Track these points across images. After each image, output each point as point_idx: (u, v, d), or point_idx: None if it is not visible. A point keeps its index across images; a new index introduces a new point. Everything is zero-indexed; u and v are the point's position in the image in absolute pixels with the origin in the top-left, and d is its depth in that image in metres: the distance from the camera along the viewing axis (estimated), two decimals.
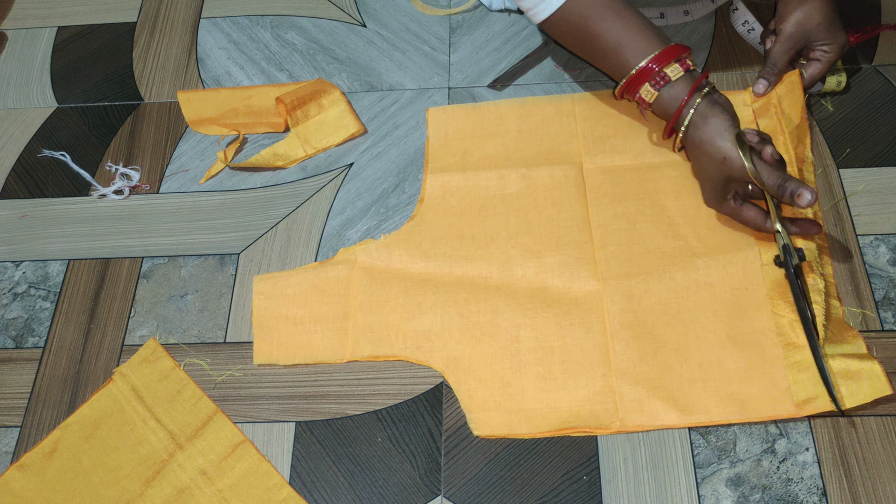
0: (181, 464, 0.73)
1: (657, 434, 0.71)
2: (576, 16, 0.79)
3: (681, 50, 0.78)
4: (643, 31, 0.78)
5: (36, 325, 0.82)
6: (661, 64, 0.77)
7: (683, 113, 0.77)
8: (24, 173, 0.93)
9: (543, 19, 0.81)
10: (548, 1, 0.79)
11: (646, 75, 0.78)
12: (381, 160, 0.90)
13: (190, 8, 1.06)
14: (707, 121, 0.75)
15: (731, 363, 0.73)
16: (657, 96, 0.78)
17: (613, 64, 0.80)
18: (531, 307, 0.77)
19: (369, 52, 0.98)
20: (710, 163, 0.75)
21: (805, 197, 0.70)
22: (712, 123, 0.75)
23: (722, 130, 0.74)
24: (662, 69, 0.77)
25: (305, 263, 0.83)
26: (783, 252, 0.73)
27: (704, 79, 0.77)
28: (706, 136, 0.75)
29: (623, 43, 0.78)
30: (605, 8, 0.79)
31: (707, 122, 0.75)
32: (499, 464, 0.71)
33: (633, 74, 0.78)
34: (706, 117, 0.75)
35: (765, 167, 0.73)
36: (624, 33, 0.78)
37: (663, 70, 0.77)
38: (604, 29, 0.79)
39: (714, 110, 0.75)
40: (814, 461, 0.69)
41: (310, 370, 0.77)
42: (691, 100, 0.76)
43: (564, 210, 0.83)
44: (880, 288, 0.77)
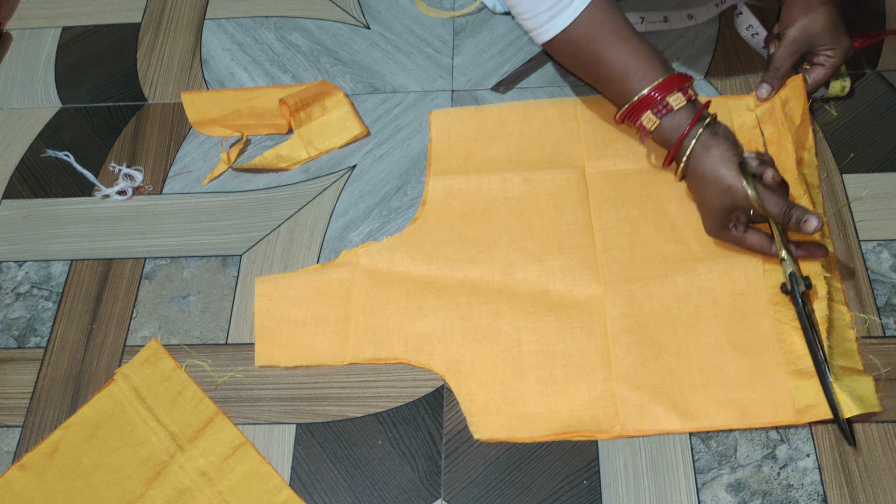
0: (182, 465, 0.73)
1: (658, 439, 0.71)
2: (580, 38, 0.79)
3: (683, 79, 0.77)
4: (647, 58, 0.77)
5: (38, 325, 0.83)
6: (664, 92, 0.76)
7: (685, 143, 0.76)
8: (28, 173, 0.93)
9: (546, 41, 0.80)
10: (552, 22, 0.78)
11: (648, 103, 0.77)
12: (384, 162, 0.90)
13: (194, 9, 1.06)
14: (709, 151, 0.74)
15: (733, 368, 0.73)
16: (658, 125, 0.77)
17: (615, 89, 0.80)
18: (533, 311, 0.77)
19: (373, 54, 0.99)
20: (713, 192, 0.74)
21: (811, 223, 0.70)
22: (714, 153, 0.74)
23: (725, 160, 0.73)
24: (665, 98, 0.76)
25: (308, 265, 0.83)
26: (789, 280, 0.72)
27: (706, 109, 0.76)
28: (708, 166, 0.74)
29: (626, 69, 0.78)
30: (609, 32, 0.78)
31: (709, 152, 0.74)
32: (499, 467, 0.71)
33: (635, 101, 0.78)
34: (708, 147, 0.74)
35: (769, 195, 0.72)
36: (628, 59, 0.77)
37: (666, 99, 0.76)
38: (607, 53, 0.78)
39: (716, 140, 0.74)
40: (814, 467, 0.69)
41: (311, 372, 0.77)
42: (693, 130, 0.75)
43: (567, 214, 0.83)
44: (882, 294, 0.76)
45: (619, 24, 0.78)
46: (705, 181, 0.75)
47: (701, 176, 0.75)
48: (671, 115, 0.76)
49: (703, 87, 0.90)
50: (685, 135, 0.75)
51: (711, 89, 0.90)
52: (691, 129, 0.75)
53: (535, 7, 0.78)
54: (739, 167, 0.72)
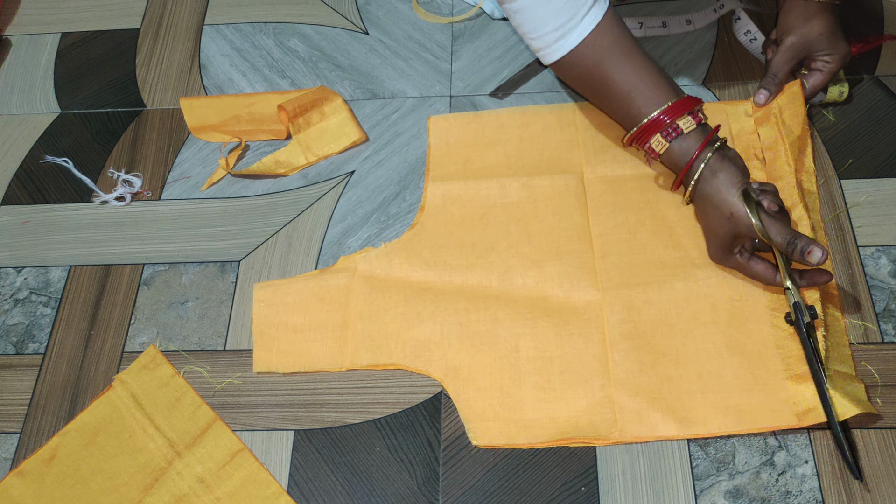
0: (179, 471, 0.73)
1: (656, 445, 0.71)
2: (587, 59, 0.78)
3: (693, 102, 0.77)
4: (656, 80, 0.77)
5: (37, 332, 0.83)
6: (674, 116, 0.76)
7: (694, 166, 0.75)
8: (27, 179, 0.93)
9: (553, 62, 0.80)
10: (559, 43, 0.77)
11: (657, 126, 0.76)
12: (383, 168, 0.90)
13: (193, 15, 1.06)
14: (716, 175, 0.74)
15: (731, 374, 0.73)
16: (668, 148, 0.77)
17: (624, 111, 0.79)
18: (531, 316, 0.77)
19: (371, 59, 0.99)
20: (717, 218, 0.74)
21: (815, 255, 0.68)
22: (721, 177, 0.73)
23: (729, 185, 0.73)
24: (675, 121, 0.76)
25: (306, 271, 0.83)
26: (794, 310, 0.72)
27: (715, 133, 0.76)
28: (713, 191, 0.74)
29: (635, 91, 0.77)
30: (618, 53, 0.77)
31: (716, 176, 0.74)
32: (497, 474, 0.71)
33: (645, 124, 0.77)
34: (716, 172, 0.74)
35: (773, 224, 0.71)
36: (636, 81, 0.77)
37: (676, 122, 0.76)
38: (616, 75, 0.77)
39: (724, 164, 0.74)
40: (813, 474, 0.69)
41: (309, 378, 0.77)
42: (702, 153, 0.75)
43: (565, 219, 0.83)
44: (881, 300, 0.76)
45: (629, 45, 0.77)
46: (710, 205, 0.74)
47: (706, 199, 0.75)
48: (681, 138, 0.76)
49: (702, 92, 0.90)
50: (694, 158, 0.75)
51: (710, 95, 0.90)
52: (701, 152, 0.75)
53: (542, 27, 0.77)
54: (743, 195, 0.72)
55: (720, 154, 0.74)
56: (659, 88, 0.77)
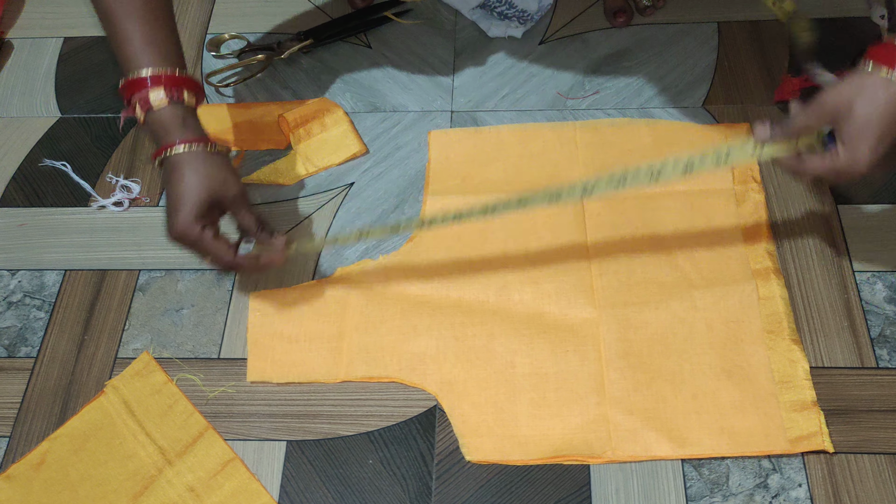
0: (170, 480, 0.72)
1: (650, 465, 0.71)
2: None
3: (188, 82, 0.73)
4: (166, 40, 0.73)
5: (29, 335, 0.82)
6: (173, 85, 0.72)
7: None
8: (25, 182, 0.93)
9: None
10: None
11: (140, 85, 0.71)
12: (382, 181, 0.90)
13: (196, 24, 1.06)
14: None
15: (725, 396, 0.73)
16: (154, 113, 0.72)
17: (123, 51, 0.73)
18: (527, 333, 0.77)
19: (373, 73, 0.99)
20: (202, 179, 0.71)
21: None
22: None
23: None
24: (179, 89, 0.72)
25: (303, 282, 0.83)
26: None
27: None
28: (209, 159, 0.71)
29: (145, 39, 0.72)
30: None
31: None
32: (490, 490, 0.71)
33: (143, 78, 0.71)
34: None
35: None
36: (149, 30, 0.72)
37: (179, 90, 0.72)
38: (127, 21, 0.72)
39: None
40: (806, 497, 0.69)
41: (303, 389, 0.77)
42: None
43: (563, 237, 0.83)
44: (876, 325, 0.77)
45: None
46: (193, 168, 0.71)
47: (190, 164, 0.71)
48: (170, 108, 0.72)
49: (702, 115, 0.91)
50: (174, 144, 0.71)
51: (709, 117, 0.91)
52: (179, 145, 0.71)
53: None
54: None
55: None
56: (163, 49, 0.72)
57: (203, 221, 0.71)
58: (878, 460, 0.70)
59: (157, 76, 0.71)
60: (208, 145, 0.72)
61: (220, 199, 0.72)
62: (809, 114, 0.67)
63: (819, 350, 0.75)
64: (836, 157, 0.66)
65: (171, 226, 0.71)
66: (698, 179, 0.85)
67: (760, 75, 0.94)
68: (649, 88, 0.94)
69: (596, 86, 0.95)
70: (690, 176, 0.70)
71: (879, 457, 0.70)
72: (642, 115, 0.92)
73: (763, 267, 0.79)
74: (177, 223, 0.70)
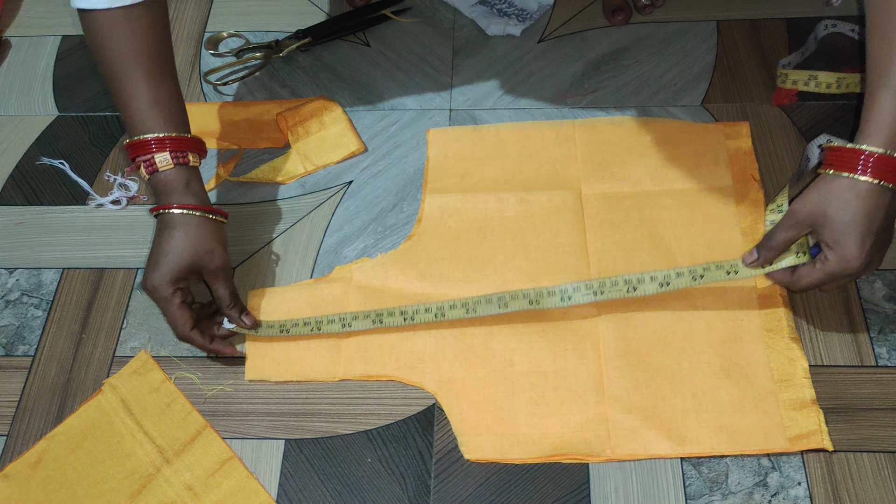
0: (168, 478, 0.72)
1: (649, 463, 0.71)
2: (105, 34, 0.73)
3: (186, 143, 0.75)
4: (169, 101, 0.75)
5: (27, 333, 0.82)
6: (179, 148, 0.75)
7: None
8: (22, 180, 0.93)
9: (78, 7, 0.72)
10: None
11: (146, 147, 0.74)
12: (381, 179, 0.90)
13: (194, 22, 1.06)
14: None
15: (725, 395, 0.73)
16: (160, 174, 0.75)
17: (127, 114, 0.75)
18: (526, 331, 0.77)
19: (372, 71, 0.99)
20: (190, 245, 0.73)
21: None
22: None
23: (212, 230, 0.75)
24: (183, 153, 0.75)
25: (301, 280, 0.83)
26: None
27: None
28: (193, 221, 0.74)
29: (144, 105, 0.74)
30: (138, 53, 0.73)
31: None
32: (489, 488, 0.71)
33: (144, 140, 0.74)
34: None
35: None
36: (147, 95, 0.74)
37: (184, 153, 0.75)
38: (128, 77, 0.74)
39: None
40: (806, 496, 0.69)
41: (301, 387, 0.77)
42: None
43: (562, 235, 0.83)
44: (875, 323, 0.76)
45: (155, 53, 0.74)
46: (183, 232, 0.73)
47: (183, 227, 0.74)
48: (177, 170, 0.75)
49: (701, 113, 0.91)
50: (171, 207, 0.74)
51: (708, 116, 0.91)
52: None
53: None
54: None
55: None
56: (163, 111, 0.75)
57: (177, 284, 0.74)
58: (878, 458, 0.70)
59: (161, 139, 0.74)
60: (207, 213, 0.74)
61: (201, 268, 0.74)
62: (786, 227, 0.70)
63: (818, 348, 0.75)
64: (828, 263, 0.68)
65: (146, 278, 0.74)
66: (697, 178, 0.85)
67: (759, 73, 0.94)
68: (648, 87, 0.94)
69: (595, 84, 0.95)
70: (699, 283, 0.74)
71: (879, 455, 0.70)
72: (641, 113, 0.92)
73: None
74: (152, 278, 0.73)
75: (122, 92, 0.74)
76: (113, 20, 0.72)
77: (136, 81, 0.74)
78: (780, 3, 1.00)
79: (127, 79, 0.74)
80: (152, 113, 0.74)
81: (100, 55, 0.74)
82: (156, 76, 0.74)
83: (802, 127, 0.89)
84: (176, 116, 0.76)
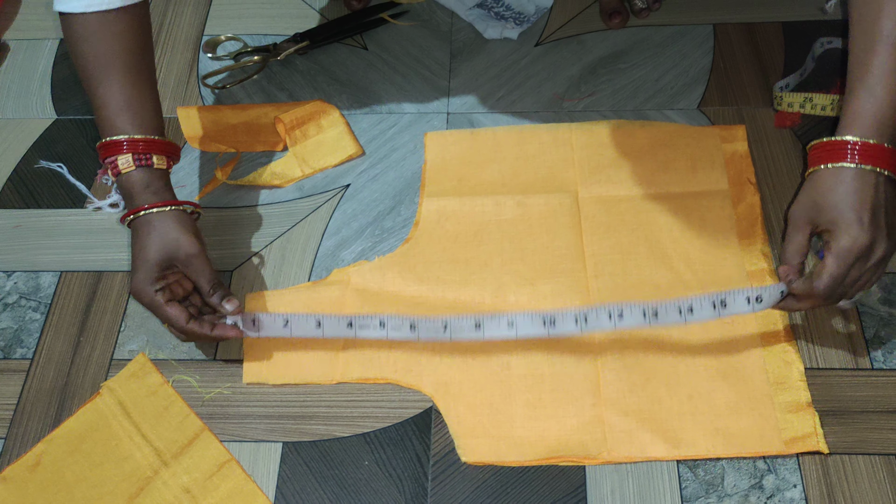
0: (165, 481, 0.72)
1: (645, 466, 0.71)
2: (88, 36, 0.73)
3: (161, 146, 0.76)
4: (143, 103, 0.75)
5: (25, 336, 0.82)
6: (148, 150, 0.74)
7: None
8: (20, 183, 0.93)
9: (59, 10, 0.73)
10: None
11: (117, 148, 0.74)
12: (378, 182, 0.90)
13: (192, 26, 1.06)
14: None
15: (721, 397, 0.73)
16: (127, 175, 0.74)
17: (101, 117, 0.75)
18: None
19: (370, 74, 0.99)
20: (158, 239, 0.73)
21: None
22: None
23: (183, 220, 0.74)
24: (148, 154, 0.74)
25: (299, 283, 0.83)
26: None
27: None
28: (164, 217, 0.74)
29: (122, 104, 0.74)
30: (122, 52, 0.74)
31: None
32: (486, 491, 0.71)
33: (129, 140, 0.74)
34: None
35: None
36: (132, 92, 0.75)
37: (150, 155, 0.75)
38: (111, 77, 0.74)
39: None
40: (801, 498, 0.69)
41: (299, 390, 0.77)
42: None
43: (559, 238, 0.83)
44: (871, 326, 0.77)
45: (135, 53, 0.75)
46: (155, 230, 0.73)
47: (154, 225, 0.73)
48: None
49: (697, 116, 0.91)
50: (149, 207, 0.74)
51: (704, 119, 0.91)
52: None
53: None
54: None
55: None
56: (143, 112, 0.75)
57: (160, 284, 0.73)
58: (873, 461, 0.70)
59: (129, 140, 0.74)
60: (165, 207, 0.74)
61: (173, 260, 0.74)
62: (791, 235, 0.70)
63: (814, 351, 0.76)
64: (832, 245, 0.67)
65: (131, 285, 0.74)
66: (694, 181, 0.85)
67: (756, 77, 0.94)
68: (645, 90, 0.94)
69: (592, 87, 0.95)
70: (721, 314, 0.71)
71: (874, 457, 0.70)
72: (638, 116, 0.92)
73: (758, 268, 0.80)
74: (132, 285, 0.73)
75: (94, 94, 0.75)
76: (89, 23, 0.73)
77: (110, 84, 0.74)
78: (777, 7, 1.00)
79: (100, 81, 0.74)
80: (122, 115, 0.74)
81: (76, 58, 0.75)
82: (130, 79, 0.75)
83: (798, 130, 0.89)
84: (147, 119, 0.75)
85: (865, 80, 0.67)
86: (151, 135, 0.75)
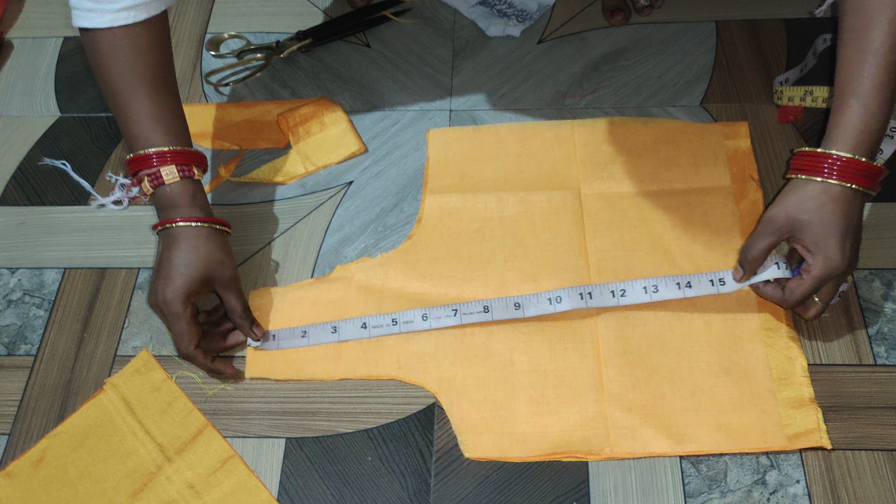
0: (169, 477, 0.72)
1: (648, 462, 0.71)
2: (108, 50, 0.73)
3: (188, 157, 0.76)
4: (167, 117, 0.76)
5: (29, 333, 0.82)
6: (182, 161, 0.75)
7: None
8: (24, 181, 0.93)
9: (81, 27, 0.73)
10: (94, 13, 0.71)
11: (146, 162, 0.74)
12: (381, 179, 0.90)
13: (196, 24, 1.06)
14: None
15: (723, 393, 0.73)
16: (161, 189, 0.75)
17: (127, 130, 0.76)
18: (525, 330, 0.77)
19: (372, 72, 0.99)
20: (200, 258, 0.73)
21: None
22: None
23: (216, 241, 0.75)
24: (191, 166, 0.76)
25: (302, 280, 0.83)
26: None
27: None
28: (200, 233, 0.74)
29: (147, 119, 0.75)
30: (147, 67, 0.74)
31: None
32: (489, 487, 0.71)
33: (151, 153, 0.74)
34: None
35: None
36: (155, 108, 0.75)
37: (191, 167, 0.76)
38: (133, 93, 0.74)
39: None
40: (804, 494, 0.69)
41: (302, 386, 0.77)
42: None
43: (561, 235, 0.83)
44: (874, 322, 0.77)
45: (158, 69, 0.75)
46: (191, 244, 0.73)
47: (191, 240, 0.74)
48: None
49: (700, 113, 0.91)
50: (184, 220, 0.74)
51: (707, 116, 0.91)
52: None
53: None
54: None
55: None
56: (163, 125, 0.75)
57: (191, 299, 0.73)
58: (876, 457, 0.70)
59: (164, 153, 0.74)
60: (214, 225, 0.75)
61: (212, 280, 0.74)
62: (764, 235, 0.71)
63: (817, 347, 0.76)
64: (813, 267, 0.68)
65: (155, 293, 0.73)
66: (696, 178, 0.85)
67: (758, 74, 0.94)
68: (647, 87, 0.94)
69: (594, 84, 0.95)
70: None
71: (877, 453, 0.70)
72: (640, 113, 0.92)
73: None
74: (165, 293, 0.72)
75: (123, 109, 0.75)
76: (114, 38, 0.73)
77: (139, 98, 0.74)
78: (779, 4, 1.00)
79: (129, 96, 0.74)
80: (155, 128, 0.75)
81: (101, 73, 0.75)
82: (158, 92, 0.75)
83: (801, 127, 0.89)
84: (179, 131, 0.76)
85: (855, 91, 0.67)
86: (186, 146, 0.76)
